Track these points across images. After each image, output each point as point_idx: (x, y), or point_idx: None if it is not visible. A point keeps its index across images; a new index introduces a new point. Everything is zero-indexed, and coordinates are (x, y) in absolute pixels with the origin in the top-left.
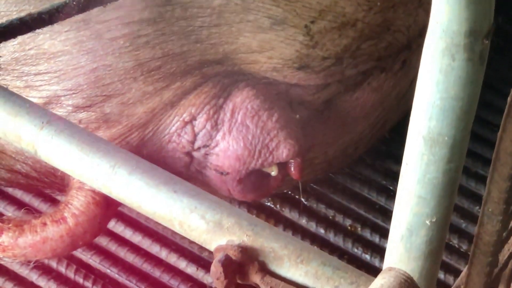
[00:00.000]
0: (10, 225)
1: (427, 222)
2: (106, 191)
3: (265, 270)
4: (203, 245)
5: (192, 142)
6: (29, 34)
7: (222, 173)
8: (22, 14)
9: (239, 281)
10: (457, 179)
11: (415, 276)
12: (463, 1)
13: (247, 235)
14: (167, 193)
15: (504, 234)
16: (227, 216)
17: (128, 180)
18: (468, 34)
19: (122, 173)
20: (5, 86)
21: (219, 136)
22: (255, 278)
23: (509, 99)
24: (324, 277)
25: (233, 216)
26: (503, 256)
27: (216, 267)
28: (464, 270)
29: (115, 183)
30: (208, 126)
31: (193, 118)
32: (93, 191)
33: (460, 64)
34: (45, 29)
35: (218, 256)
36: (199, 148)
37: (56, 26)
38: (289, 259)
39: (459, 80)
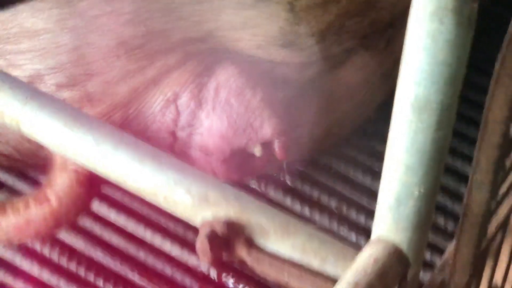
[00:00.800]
0: None
1: (416, 192)
2: (90, 166)
3: (251, 244)
4: (189, 221)
5: (176, 121)
6: (11, 12)
7: (206, 153)
8: None
9: (224, 257)
10: (446, 148)
11: (403, 247)
12: None
13: (233, 209)
14: (151, 167)
15: (493, 205)
16: (213, 190)
17: (112, 154)
18: None
19: (106, 147)
20: None
21: (203, 115)
22: (242, 252)
23: (497, 65)
24: (311, 250)
25: (218, 189)
26: (491, 228)
27: (202, 243)
28: (452, 244)
29: (99, 158)
30: (192, 105)
31: (177, 97)
32: (76, 171)
33: (448, 28)
34: (27, 6)
35: (204, 231)
36: (183, 127)
37: (39, 4)
38: (276, 233)
39: (448, 44)
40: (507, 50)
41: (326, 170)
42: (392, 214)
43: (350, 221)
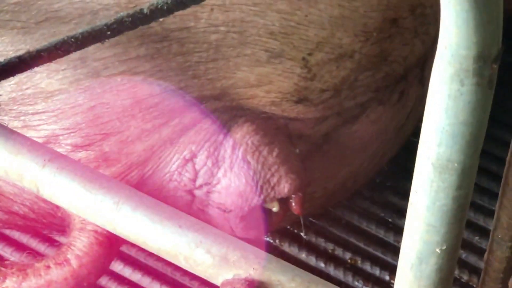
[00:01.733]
0: (13, 269)
1: (437, 250)
2: (110, 227)
3: None
4: (210, 280)
5: (194, 180)
6: (26, 74)
7: (224, 211)
8: (19, 53)
9: None
10: (467, 206)
11: None
12: (472, 24)
13: (253, 269)
14: (172, 228)
15: None
16: (233, 250)
17: (132, 216)
18: (477, 59)
19: (126, 209)
20: (5, 125)
21: (220, 173)
22: None
23: None
24: None
25: (238, 249)
26: None
27: None
28: None
29: (119, 219)
30: (209, 163)
31: (194, 156)
32: (96, 231)
33: (469, 89)
34: (42, 68)
35: None
36: (200, 186)
37: (53, 65)
38: None
39: (468, 105)
40: None
41: (340, 223)
42: (414, 272)
43: (365, 273)
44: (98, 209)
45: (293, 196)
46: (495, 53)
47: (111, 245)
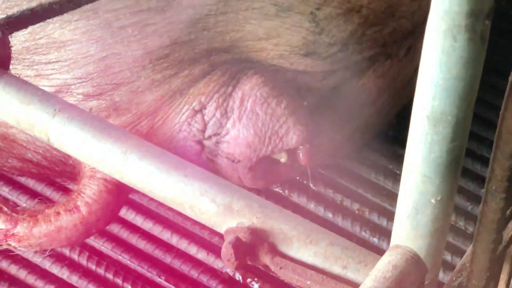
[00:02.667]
0: (24, 215)
1: (433, 200)
2: (117, 176)
3: (275, 251)
4: (214, 228)
5: (203, 131)
6: (39, 24)
7: (233, 161)
8: (32, 4)
9: (249, 262)
10: (461, 158)
11: (422, 254)
12: None
13: (256, 217)
14: (177, 177)
15: (508, 211)
16: (237, 199)
17: (139, 165)
18: (469, 15)
19: (133, 158)
20: (17, 75)
21: (229, 124)
22: (265, 259)
23: (510, 78)
24: (333, 257)
25: (243, 198)
26: (507, 234)
27: (227, 249)
28: (470, 247)
29: (126, 168)
30: (218, 114)
31: (203, 107)
32: (105, 179)
33: (461, 45)
34: (55, 18)
35: (229, 238)
36: (209, 137)
37: (66, 16)
38: (298, 240)
39: (461, 60)
40: None
41: (349, 174)
42: (410, 222)
43: (373, 224)
44: (106, 158)
45: (301, 147)
46: (486, 9)
47: (120, 193)
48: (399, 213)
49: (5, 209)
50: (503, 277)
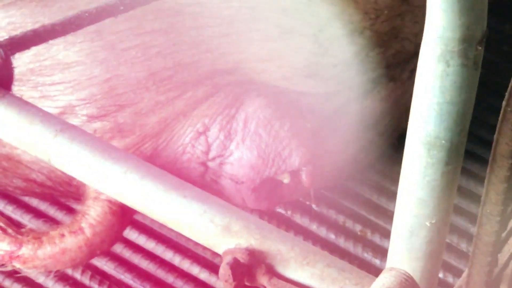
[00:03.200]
0: (29, 237)
1: (427, 223)
2: (118, 196)
3: (272, 272)
4: (212, 249)
5: (207, 153)
6: (44, 45)
7: (237, 182)
8: (37, 25)
9: (247, 283)
10: (455, 181)
11: (416, 276)
12: (457, 8)
13: (254, 238)
14: (177, 198)
15: (503, 234)
16: (236, 220)
17: (139, 185)
18: (462, 41)
19: (133, 178)
20: (19, 96)
21: (233, 146)
22: (263, 280)
23: (503, 103)
24: (330, 278)
25: (241, 219)
26: (503, 257)
27: (224, 270)
28: (466, 270)
29: (127, 189)
30: (222, 136)
31: (207, 129)
32: (110, 200)
33: (454, 70)
34: (60, 40)
35: (227, 259)
36: (213, 158)
37: (70, 37)
38: (296, 261)
39: (454, 85)
40: None
41: (351, 195)
42: (405, 244)
43: (375, 245)
44: (106, 178)
45: (304, 168)
46: (479, 35)
47: (124, 214)
48: (394, 236)
49: (10, 231)
50: None
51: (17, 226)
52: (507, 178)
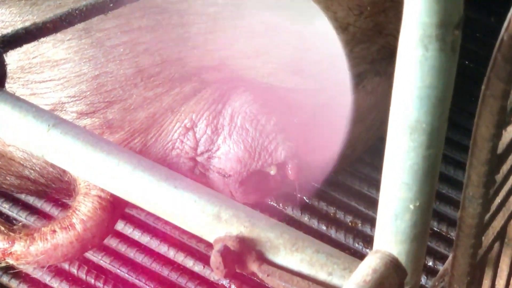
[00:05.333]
0: (21, 234)
1: (411, 206)
2: (110, 188)
3: (262, 258)
4: (203, 237)
5: (195, 148)
6: (33, 43)
7: (224, 176)
8: (27, 23)
9: (237, 270)
10: (437, 164)
11: (402, 259)
12: None
13: (244, 226)
14: (168, 188)
15: (487, 217)
16: (225, 208)
17: (130, 177)
18: (440, 26)
19: (125, 170)
20: (12, 93)
21: (220, 140)
22: (253, 266)
23: (483, 87)
24: (318, 264)
25: (231, 208)
26: (487, 239)
27: (215, 257)
28: (451, 253)
29: (118, 180)
30: (209, 131)
31: (194, 124)
32: (100, 196)
33: (433, 54)
34: (49, 38)
35: (217, 247)
36: (202, 153)
37: (59, 35)
38: (285, 248)
39: (433, 70)
40: (491, 72)
41: (342, 187)
42: (390, 227)
43: (365, 235)
44: (99, 171)
45: (290, 162)
46: (456, 19)
47: (114, 209)
48: (379, 220)
49: (2, 228)
50: (486, 283)
51: (12, 223)
52: (488, 160)
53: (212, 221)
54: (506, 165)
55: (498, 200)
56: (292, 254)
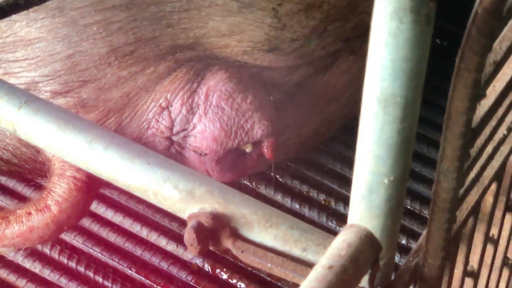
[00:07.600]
0: None
1: (385, 180)
2: (83, 165)
3: (236, 235)
4: (177, 214)
5: (170, 128)
6: (5, 22)
7: (200, 154)
8: None
9: (211, 247)
10: (412, 138)
11: (377, 233)
12: None
13: (218, 203)
14: (141, 165)
15: (461, 191)
16: (199, 185)
17: (103, 154)
18: None
19: (98, 147)
20: None
21: (195, 119)
22: (227, 243)
23: (457, 60)
24: (292, 240)
25: (204, 185)
26: (461, 214)
27: (189, 234)
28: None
29: (91, 157)
30: (184, 111)
31: (169, 104)
32: (75, 177)
33: (407, 27)
34: (22, 16)
35: (191, 223)
36: (177, 132)
37: (32, 14)
38: (259, 224)
39: (408, 42)
40: (465, 46)
41: (315, 166)
42: (365, 202)
43: (339, 214)
44: (71, 148)
45: (266, 141)
46: None
47: (90, 190)
48: (354, 194)
49: None
50: (460, 259)
51: None
52: (462, 134)
53: (186, 198)
54: (480, 139)
55: (472, 174)
56: (266, 230)
